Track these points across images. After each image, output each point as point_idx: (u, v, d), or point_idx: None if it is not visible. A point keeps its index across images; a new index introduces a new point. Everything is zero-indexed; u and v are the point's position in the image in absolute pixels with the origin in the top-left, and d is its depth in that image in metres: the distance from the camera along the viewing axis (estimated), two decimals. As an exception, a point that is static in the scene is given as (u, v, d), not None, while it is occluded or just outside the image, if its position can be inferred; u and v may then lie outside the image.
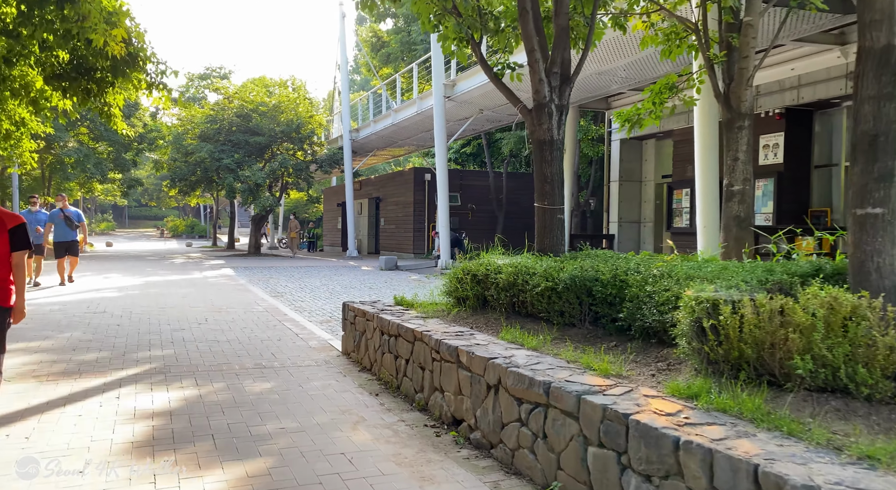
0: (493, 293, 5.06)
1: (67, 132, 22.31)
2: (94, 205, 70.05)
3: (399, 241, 26.65)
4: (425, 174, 25.13)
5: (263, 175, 22.86)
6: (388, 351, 5.31)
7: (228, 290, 12.04)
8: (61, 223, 11.52)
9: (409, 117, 19.14)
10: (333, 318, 9.06)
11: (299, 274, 16.53)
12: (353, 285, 13.65)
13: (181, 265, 19.14)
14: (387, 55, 25.35)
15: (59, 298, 10.08)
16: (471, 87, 15.18)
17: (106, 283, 12.71)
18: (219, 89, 25.66)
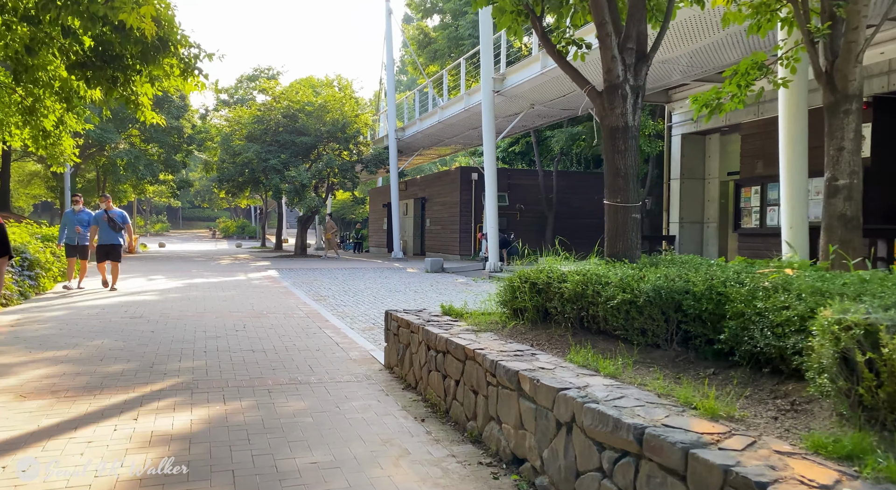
0: (556, 305, 4.39)
1: (119, 134, 22.67)
2: (149, 206, 72.27)
3: (445, 242, 26.11)
4: (472, 173, 24.50)
5: (309, 175, 22.68)
6: (435, 369, 4.70)
7: (270, 293, 11.70)
8: (105, 225, 11.11)
9: (455, 114, 18.55)
10: (376, 325, 8.52)
11: (343, 276, 16.15)
12: (397, 289, 13.14)
13: (227, 267, 19.08)
14: (433, 52, 24.83)
15: (99, 301, 9.89)
16: (521, 81, 14.47)
17: (149, 286, 12.57)
18: (265, 90, 25.68)
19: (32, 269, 10.38)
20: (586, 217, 25.54)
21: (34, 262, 10.52)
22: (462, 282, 14.95)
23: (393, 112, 23.53)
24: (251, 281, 14.20)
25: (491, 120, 15.30)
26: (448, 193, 25.75)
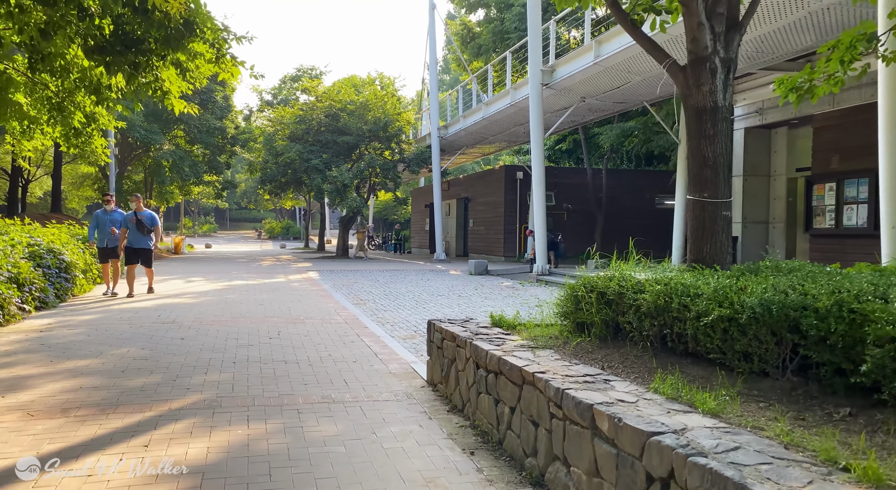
0: (631, 320, 3.71)
1: (163, 135, 22.85)
2: (197, 208, 73.94)
3: (489, 243, 25.45)
4: (517, 172, 23.78)
5: (351, 175, 22.37)
6: (485, 391, 4.08)
7: (309, 296, 11.29)
8: (133, 228, 10.45)
9: (501, 110, 17.88)
10: (418, 332, 7.96)
11: (384, 278, 15.69)
12: (440, 292, 12.57)
13: (268, 268, 18.90)
14: (477, 47, 24.22)
15: (134, 304, 9.64)
16: (572, 72, 13.70)
17: (187, 288, 12.35)
18: (307, 89, 25.52)
19: (69, 271, 10.22)
20: (637, 217, 24.48)
21: (71, 264, 10.37)
22: (508, 285, 14.28)
23: (436, 109, 22.99)
24: (290, 283, 13.87)
25: (539, 115, 14.58)
26: (492, 193, 25.09)
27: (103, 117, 7.86)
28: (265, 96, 32.85)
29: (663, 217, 25.03)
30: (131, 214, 10.48)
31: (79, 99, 7.22)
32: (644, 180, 25.49)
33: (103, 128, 8.26)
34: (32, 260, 9.33)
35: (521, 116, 17.95)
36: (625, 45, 11.58)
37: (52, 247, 10.10)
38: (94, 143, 8.44)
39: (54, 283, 9.53)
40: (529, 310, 10.25)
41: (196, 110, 7.57)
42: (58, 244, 10.33)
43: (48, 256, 9.78)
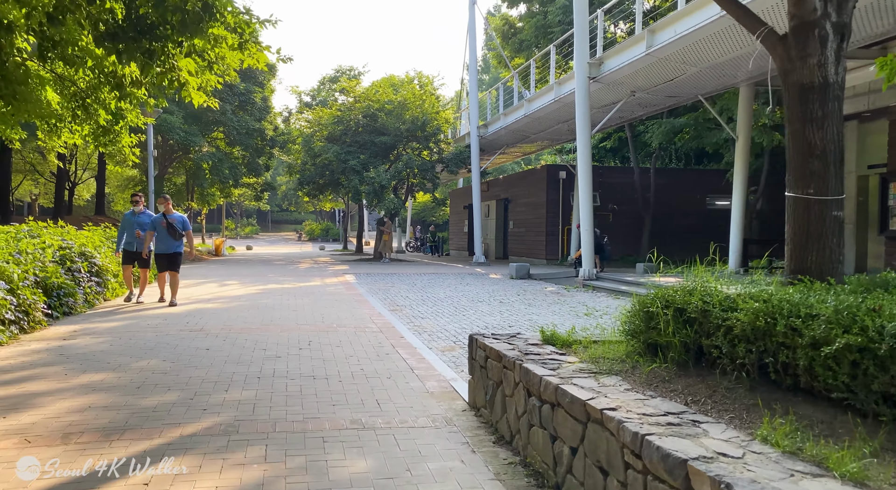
0: (719, 343, 3.06)
1: (203, 137, 22.91)
2: (240, 210, 75.07)
3: (530, 245, 24.71)
4: (560, 172, 22.97)
5: (388, 176, 21.97)
6: (538, 424, 3.48)
7: (344, 301, 10.85)
8: (163, 231, 9.77)
9: (544, 106, 17.16)
10: (458, 343, 7.39)
11: (422, 282, 15.18)
12: (480, 298, 11.97)
13: (304, 271, 18.63)
14: (519, 43, 23.52)
15: (163, 310, 9.34)
16: (621, 64, 12.92)
17: (220, 292, 12.07)
18: (346, 89, 25.28)
19: (101, 275, 10.01)
20: (687, 218, 23.41)
21: (103, 267, 10.17)
22: (552, 291, 13.58)
23: (475, 106, 22.38)
24: (326, 287, 13.49)
25: (585, 110, 13.83)
26: (533, 193, 24.34)
27: (131, 114, 7.55)
28: (304, 98, 32.83)
29: (715, 218, 23.85)
30: (160, 217, 9.84)
31: (103, 96, 6.92)
32: (694, 179, 24.36)
33: (131, 125, 7.95)
34: (63, 263, 9.13)
35: (566, 113, 17.21)
36: (680, 33, 10.78)
37: (84, 250, 9.91)
38: (123, 140, 8.12)
39: (84, 288, 9.31)
40: (578, 319, 9.57)
41: (215, 104, 7.19)
42: (90, 247, 10.14)
43: (79, 260, 9.59)
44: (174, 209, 10.09)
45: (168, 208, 9.89)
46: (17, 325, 7.07)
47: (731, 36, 10.44)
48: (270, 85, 27.08)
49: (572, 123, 18.73)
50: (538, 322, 8.93)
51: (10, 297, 6.97)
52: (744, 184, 14.23)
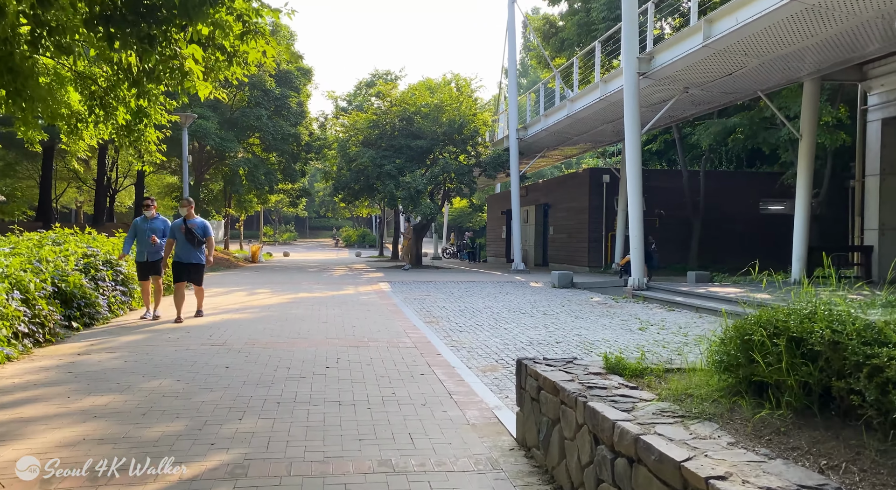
0: (861, 387, 2.31)
1: (238, 142, 22.79)
2: (278, 216, 75.86)
3: (571, 252, 23.82)
4: (603, 175, 22.07)
5: (424, 181, 21.43)
6: (610, 481, 2.78)
7: (377, 312, 10.27)
8: (182, 238, 8.74)
9: (588, 105, 16.35)
10: (500, 362, 6.71)
11: (460, 291, 14.51)
12: (522, 309, 11.24)
13: (338, 279, 18.19)
14: (560, 42, 22.73)
15: (186, 322, 8.90)
16: (674, 58, 12.05)
17: (249, 302, 11.64)
18: (381, 92, 24.89)
19: (126, 284, 9.67)
20: (740, 224, 22.22)
21: (129, 276, 9.82)
22: (599, 301, 12.74)
23: (514, 107, 21.65)
24: (359, 296, 12.95)
25: (635, 107, 12.97)
26: (575, 198, 23.47)
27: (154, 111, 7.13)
28: (340, 103, 32.66)
29: (771, 224, 22.56)
30: (179, 222, 8.77)
31: (122, 94, 6.52)
32: (747, 182, 23.14)
33: (156, 122, 7.53)
34: (86, 272, 8.79)
35: (611, 112, 16.36)
36: (743, 21, 9.90)
37: (110, 258, 9.58)
38: (148, 137, 7.70)
39: (109, 297, 8.96)
40: (632, 334, 8.77)
41: (224, 96, 6.72)
42: (116, 255, 9.80)
43: (104, 268, 9.25)
44: (195, 214, 9.13)
45: (190, 212, 8.93)
46: (32, 337, 6.69)
47: (799, 23, 9.52)
48: (306, 90, 26.91)
49: (618, 124, 17.87)
50: (588, 338, 8.18)
51: (24, 309, 6.59)
52: (808, 186, 13.16)
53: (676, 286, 13.28)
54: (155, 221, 9.15)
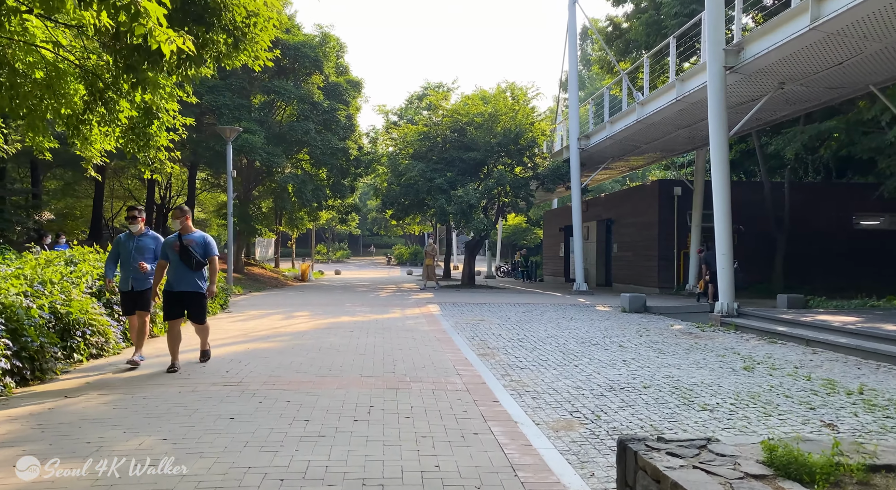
0: None
1: (286, 157, 22.15)
2: (332, 234, 76.11)
3: (638, 271, 22.03)
4: (674, 188, 20.31)
5: (477, 195, 20.16)
6: None
7: (423, 341, 9.00)
8: (176, 259, 6.62)
9: (661, 108, 14.76)
10: (577, 415, 5.31)
11: (517, 316, 13.09)
12: (592, 339, 9.75)
13: (385, 300, 17.05)
14: (625, 45, 21.24)
15: (199, 353, 7.84)
16: (770, 47, 10.41)
17: (283, 327, 10.57)
18: (432, 103, 23.85)
19: (146, 306, 8.72)
20: (830, 240, 20.00)
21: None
22: (682, 330, 11.08)
23: (575, 112, 20.15)
24: (405, 320, 11.73)
25: (720, 105, 11.30)
26: (642, 213, 21.72)
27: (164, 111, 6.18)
28: (391, 117, 31.87)
29: (867, 240, 20.25)
30: (173, 238, 6.69)
31: (125, 86, 5.57)
32: (838, 195, 20.89)
33: (168, 126, 6.57)
34: (100, 296, 7.89)
35: (689, 115, 14.72)
36: (862, -5, 8.23)
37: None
38: (159, 140, 6.69)
39: (125, 323, 8.02)
40: (737, 376, 7.14)
41: (208, 72, 5.62)
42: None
43: (122, 290, 8.32)
44: (193, 227, 6.89)
45: (186, 226, 6.75)
46: (18, 375, 5.72)
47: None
48: (356, 102, 26.17)
49: (694, 129, 16.20)
50: (682, 380, 6.66)
51: (8, 341, 5.63)
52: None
53: (774, 313, 11.46)
54: (143, 239, 7.10)
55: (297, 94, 22.04)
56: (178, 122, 6.74)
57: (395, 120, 31.42)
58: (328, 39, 24.11)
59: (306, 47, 22.12)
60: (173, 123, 6.65)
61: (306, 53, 22.13)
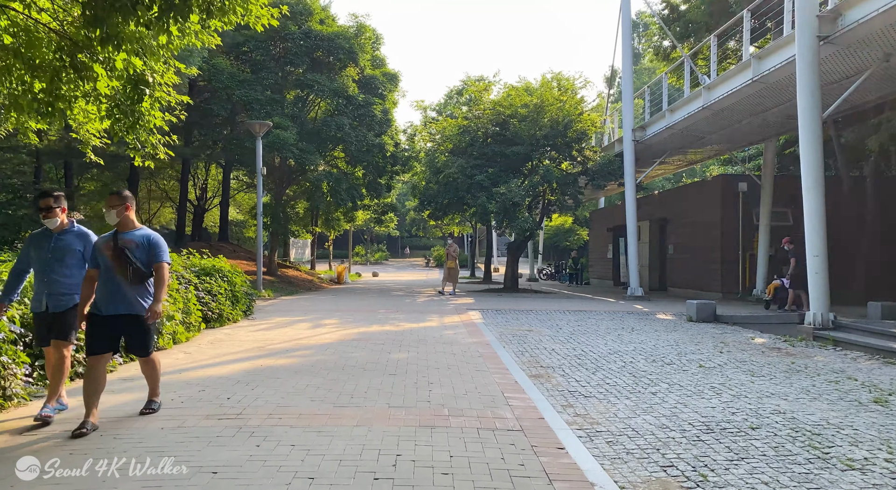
0: None
1: (319, 155, 21.21)
2: (370, 235, 75.52)
3: (697, 275, 20.31)
4: (738, 183, 18.56)
5: (522, 192, 18.79)
6: None
7: (464, 357, 7.75)
8: (107, 266, 4.64)
9: (733, 91, 13.12)
10: (677, 474, 3.98)
11: (570, 325, 11.70)
12: (664, 355, 8.32)
13: (422, 305, 15.85)
14: (685, 27, 19.57)
15: (208, 370, 6.76)
16: (874, 11, 8.81)
17: (307, 337, 9.46)
18: (473, 96, 22.55)
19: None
20: (922, 241, 17.88)
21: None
22: (766, 344, 9.53)
23: (630, 100, 18.49)
24: (443, 330, 10.50)
25: (813, 81, 9.63)
26: (702, 211, 20.01)
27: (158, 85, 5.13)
28: (429, 113, 30.79)
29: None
30: (107, 238, 4.72)
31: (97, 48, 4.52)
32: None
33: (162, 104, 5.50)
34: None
35: (768, 98, 13.08)
36: None
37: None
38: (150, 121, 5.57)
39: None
40: (869, 412, 5.66)
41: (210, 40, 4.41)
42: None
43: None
44: (138, 222, 4.85)
45: (126, 219, 4.75)
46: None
47: None
48: (392, 97, 25.11)
49: (770, 116, 14.53)
50: (799, 419, 5.22)
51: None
52: None
53: (882, 326, 9.77)
54: (65, 237, 4.90)
55: (331, 88, 21.07)
56: (173, 100, 5.67)
57: (434, 116, 30.30)
58: (363, 30, 23.12)
59: (340, 38, 21.15)
60: (168, 101, 5.58)
61: (340, 45, 21.15)
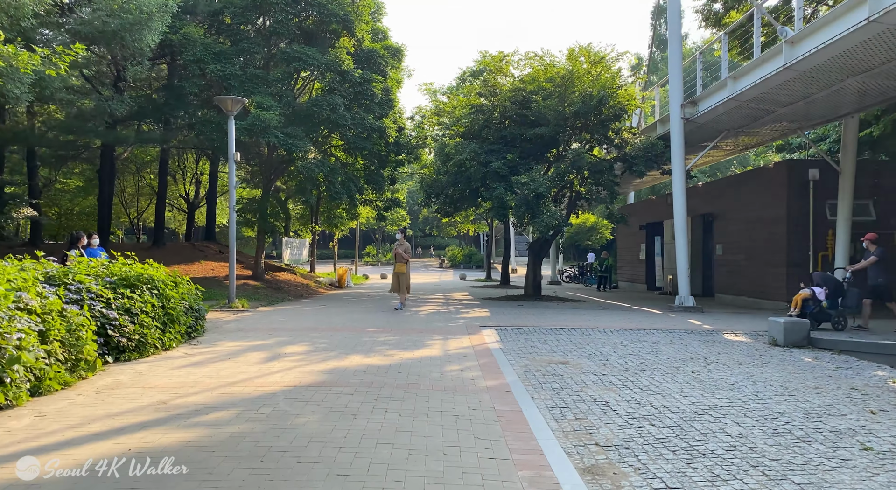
0: None
1: (308, 140, 18.51)
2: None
3: (753, 280, 17.36)
4: (809, 170, 15.56)
5: (547, 181, 15.93)
6: None
7: (471, 428, 4.97)
8: None
9: (834, 40, 10.08)
10: None
11: (618, 354, 8.83)
12: (788, 421, 5.47)
13: (424, 320, 13.05)
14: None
15: (5, 466, 4.04)
16: None
17: (244, 381, 6.67)
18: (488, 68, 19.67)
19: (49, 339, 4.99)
20: None
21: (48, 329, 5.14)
22: (915, 392, 6.62)
23: (678, 68, 15.41)
24: (446, 363, 7.71)
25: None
26: (759, 204, 17.04)
27: None
28: (439, 97, 27.91)
29: None
30: None
31: None
32: None
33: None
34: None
35: (873, 55, 10.10)
36: None
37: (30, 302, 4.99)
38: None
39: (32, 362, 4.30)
40: None
41: None
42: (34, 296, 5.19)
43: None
44: None
45: None
46: None
47: None
48: (395, 74, 22.35)
49: (868, 79, 11.47)
50: None
51: None
52: None
53: None
54: None
55: (323, 61, 18.33)
56: None
57: (445, 101, 27.49)
58: (360, -4, 20.31)
59: (333, 4, 18.40)
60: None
61: (333, 11, 18.41)
